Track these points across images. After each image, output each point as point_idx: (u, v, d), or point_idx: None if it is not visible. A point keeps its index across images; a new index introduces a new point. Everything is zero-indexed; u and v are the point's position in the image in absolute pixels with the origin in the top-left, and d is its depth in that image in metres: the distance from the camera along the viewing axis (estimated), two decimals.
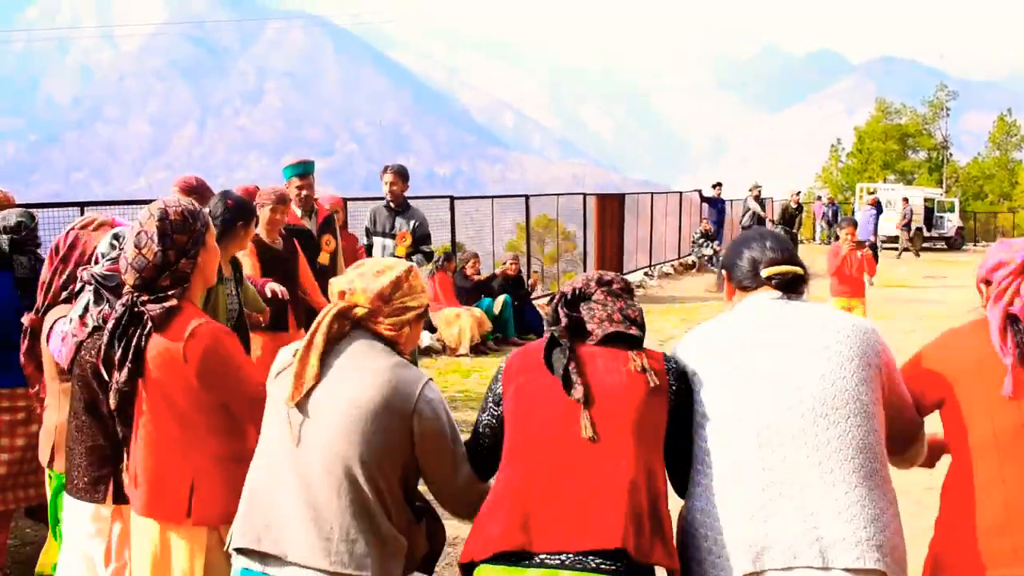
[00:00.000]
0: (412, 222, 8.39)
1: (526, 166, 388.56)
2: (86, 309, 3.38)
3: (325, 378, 2.65)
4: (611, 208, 19.99)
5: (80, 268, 3.50)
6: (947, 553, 2.60)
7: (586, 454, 2.48)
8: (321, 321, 2.71)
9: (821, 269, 10.25)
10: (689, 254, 23.91)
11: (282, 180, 7.13)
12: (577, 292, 2.76)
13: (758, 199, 23.85)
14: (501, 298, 12.42)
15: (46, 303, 3.73)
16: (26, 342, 3.89)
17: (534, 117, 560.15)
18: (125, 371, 2.92)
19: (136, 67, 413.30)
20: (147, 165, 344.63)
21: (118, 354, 2.95)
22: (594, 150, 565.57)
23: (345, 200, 12.02)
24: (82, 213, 8.24)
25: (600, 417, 2.51)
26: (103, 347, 3.00)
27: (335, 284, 2.81)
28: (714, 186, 23.75)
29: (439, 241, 14.78)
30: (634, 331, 2.64)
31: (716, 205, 23.43)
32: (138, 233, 2.96)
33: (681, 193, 26.29)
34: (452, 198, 14.68)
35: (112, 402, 2.97)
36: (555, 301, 2.76)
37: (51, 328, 3.61)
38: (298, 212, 7.02)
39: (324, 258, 7.05)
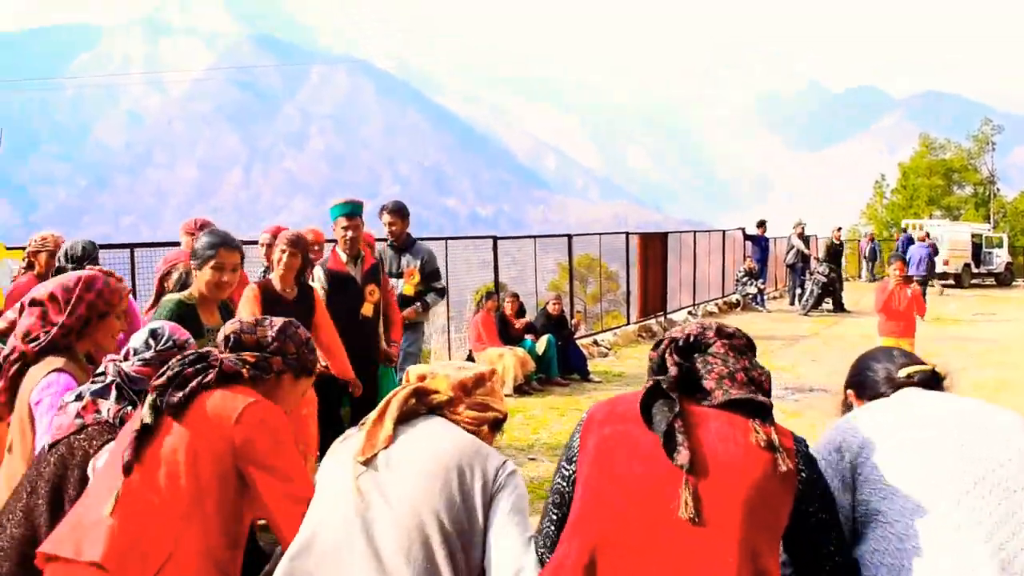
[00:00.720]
0: (419, 259, 8.16)
1: (568, 207, 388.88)
2: (100, 393, 3.16)
3: (399, 441, 2.51)
4: (654, 247, 19.93)
5: (108, 359, 3.29)
6: None
7: (681, 539, 2.07)
8: (396, 393, 2.59)
9: (868, 306, 10.15)
10: (733, 292, 23.75)
11: (328, 221, 6.79)
12: (692, 340, 2.44)
13: (802, 236, 23.71)
14: (544, 338, 12.38)
15: (40, 343, 3.41)
16: (12, 369, 3.42)
17: (576, 157, 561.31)
18: (176, 398, 2.74)
19: (184, 112, 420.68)
20: (195, 209, 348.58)
21: (163, 380, 2.78)
22: (636, 189, 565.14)
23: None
24: (132, 256, 8.36)
25: (707, 494, 2.11)
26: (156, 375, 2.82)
27: (413, 370, 2.72)
28: (758, 224, 23.63)
29: (482, 281, 14.80)
30: (762, 399, 2.27)
31: (760, 243, 23.29)
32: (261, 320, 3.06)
33: (724, 231, 26.19)
34: (495, 238, 14.69)
35: (143, 418, 2.71)
36: (663, 347, 2.42)
37: (47, 378, 3.33)
38: (343, 256, 6.60)
39: (367, 309, 6.58)
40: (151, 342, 3.29)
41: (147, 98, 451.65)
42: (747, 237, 24.28)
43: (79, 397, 3.14)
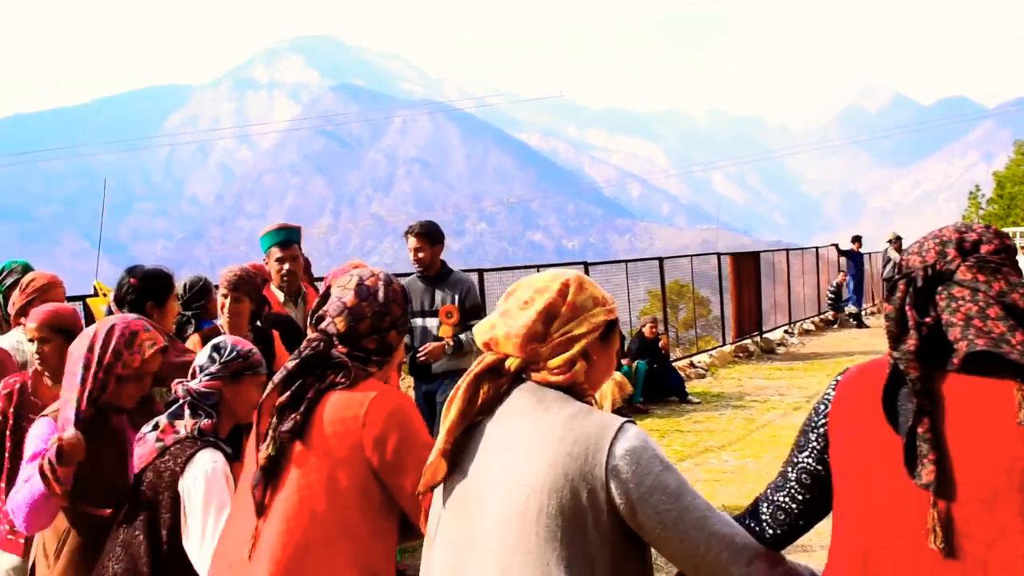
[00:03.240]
0: (456, 293, 6.39)
1: (655, 234, 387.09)
2: (176, 415, 3.14)
3: (480, 455, 2.06)
4: (747, 267, 19.71)
5: (176, 383, 3.26)
6: None
7: (935, 573, 1.64)
8: (459, 388, 2.10)
9: None
10: (830, 309, 23.32)
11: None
12: (931, 273, 1.78)
13: (899, 250, 23.22)
14: (637, 362, 12.33)
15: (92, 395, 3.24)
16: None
17: (661, 185, 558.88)
18: (291, 422, 2.49)
19: (272, 164, 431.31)
20: None
21: (285, 398, 2.52)
22: (723, 215, 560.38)
23: (481, 272, 12.18)
24: None
25: (963, 516, 1.63)
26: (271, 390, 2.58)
27: (478, 331, 2.18)
28: (853, 240, 23.25)
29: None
30: (1018, 353, 1.61)
31: (855, 259, 22.88)
32: (359, 284, 2.66)
33: (817, 249, 25.79)
34: (586, 264, 14.79)
35: (261, 456, 2.51)
36: (899, 294, 1.80)
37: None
38: (279, 296, 5.75)
39: None
40: (215, 356, 3.26)
41: (236, 152, 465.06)
42: (841, 253, 23.89)
43: (155, 426, 3.15)
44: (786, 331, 20.85)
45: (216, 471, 2.93)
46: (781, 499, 1.98)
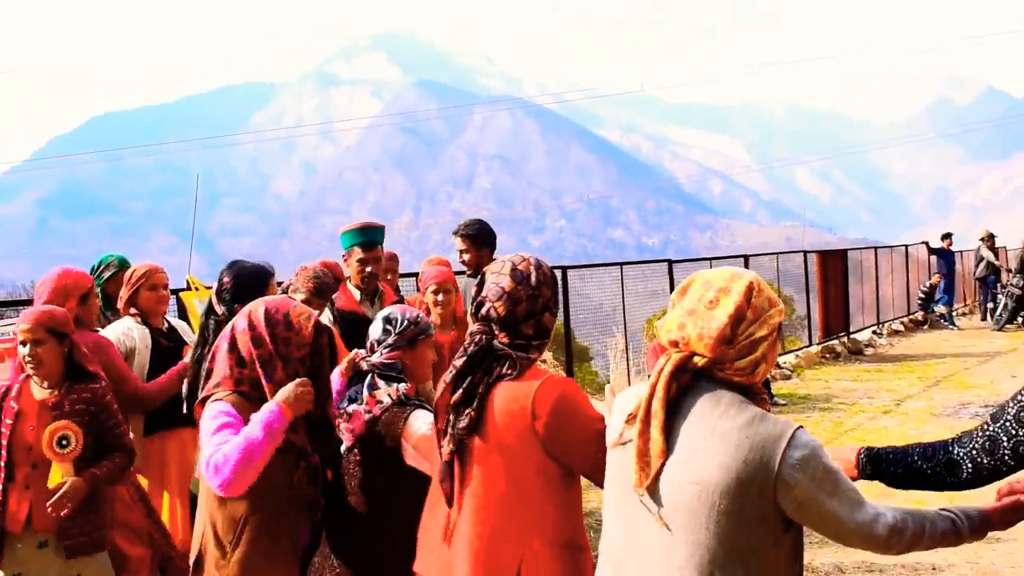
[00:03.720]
0: None
1: (736, 231, 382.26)
2: (372, 387, 3.26)
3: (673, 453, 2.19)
4: (834, 265, 19.35)
5: (359, 359, 3.40)
6: None
7: None
8: (656, 383, 2.23)
9: None
10: (920, 309, 22.78)
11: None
12: None
13: (992, 248, 22.57)
14: None
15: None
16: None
17: (743, 182, 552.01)
18: (467, 419, 2.63)
19: (355, 160, 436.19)
20: None
21: (458, 396, 2.66)
22: (808, 211, 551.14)
23: (564, 270, 12.16)
24: None
25: None
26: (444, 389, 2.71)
27: (664, 329, 2.32)
28: (943, 237, 22.65)
29: (652, 311, 14.68)
30: None
31: (945, 257, 22.29)
32: (514, 269, 2.74)
33: (907, 247, 25.20)
34: (670, 262, 14.63)
35: (445, 452, 2.69)
36: None
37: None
38: (356, 294, 5.60)
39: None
40: (389, 328, 3.34)
41: (319, 148, 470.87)
42: (931, 251, 23.31)
43: (352, 399, 3.25)
44: (874, 332, 20.44)
45: (427, 436, 3.01)
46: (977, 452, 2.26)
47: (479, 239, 6.23)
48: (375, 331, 3.39)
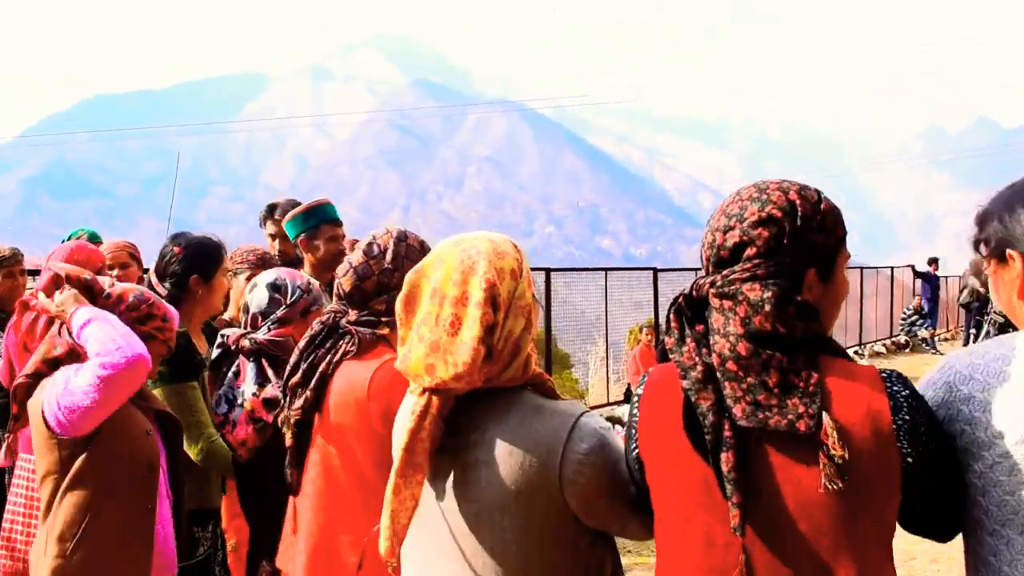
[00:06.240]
0: None
1: None
2: (261, 377, 2.86)
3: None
4: None
5: (238, 335, 2.97)
6: None
7: None
8: (413, 430, 1.86)
9: None
10: (900, 332, 22.83)
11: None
12: (693, 296, 1.82)
13: (978, 275, 22.61)
14: None
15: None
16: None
17: None
18: (302, 399, 2.39)
19: (347, 155, 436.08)
20: None
21: (297, 378, 2.42)
22: None
23: (548, 272, 12.07)
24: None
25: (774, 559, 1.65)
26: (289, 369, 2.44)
27: (411, 374, 1.92)
28: (929, 262, 22.70)
29: (635, 320, 14.64)
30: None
31: (931, 281, 22.34)
32: (371, 243, 2.50)
33: (892, 269, 25.25)
34: (656, 270, 14.64)
35: (287, 437, 2.43)
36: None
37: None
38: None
39: None
40: (277, 296, 2.94)
41: (312, 142, 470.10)
42: (917, 275, 23.36)
43: (230, 401, 2.89)
44: (856, 352, 20.44)
45: None
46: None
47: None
48: (257, 300, 2.96)
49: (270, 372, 2.84)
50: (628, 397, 11.21)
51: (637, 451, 1.78)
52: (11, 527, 3.45)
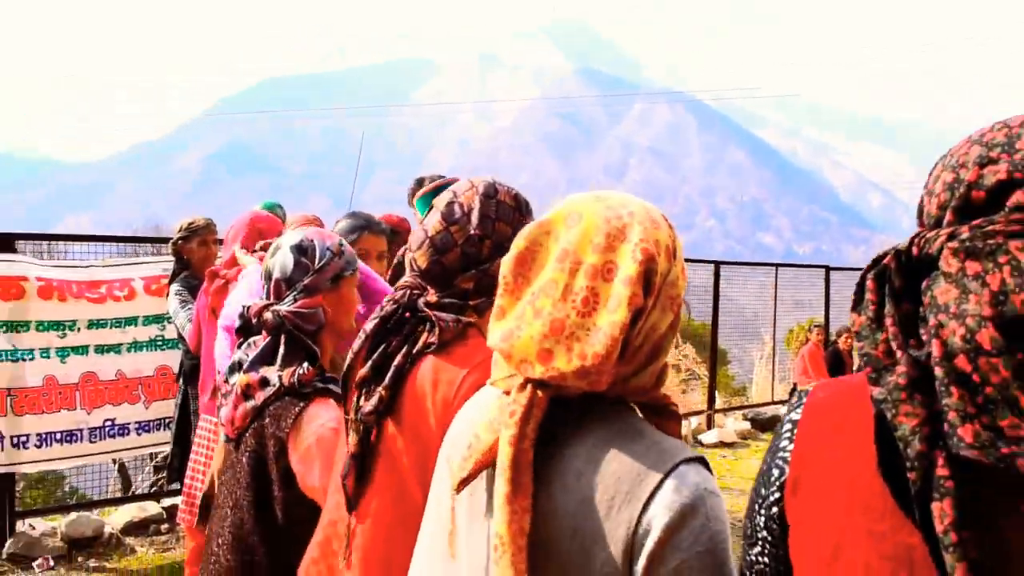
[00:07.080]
0: None
1: None
2: (262, 359, 2.37)
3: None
4: None
5: (263, 306, 2.44)
6: None
7: None
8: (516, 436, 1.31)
9: None
10: None
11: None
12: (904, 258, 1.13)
13: None
14: None
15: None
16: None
17: (904, 198, 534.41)
18: (375, 399, 1.83)
19: (509, 141, 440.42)
20: None
21: (366, 371, 1.86)
22: None
23: (717, 264, 11.70)
24: None
25: None
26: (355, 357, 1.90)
27: (516, 358, 1.33)
28: None
29: (796, 320, 14.07)
30: None
31: None
32: (450, 203, 1.90)
33: None
34: (828, 268, 14.12)
35: (351, 441, 1.86)
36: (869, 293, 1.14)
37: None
38: None
39: None
40: (304, 261, 2.44)
41: (476, 127, 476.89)
42: None
43: (234, 369, 2.40)
44: None
45: (326, 438, 2.19)
46: None
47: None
48: (281, 264, 2.46)
49: (280, 354, 2.36)
50: (792, 395, 10.74)
51: (780, 507, 1.23)
52: (191, 483, 3.47)
